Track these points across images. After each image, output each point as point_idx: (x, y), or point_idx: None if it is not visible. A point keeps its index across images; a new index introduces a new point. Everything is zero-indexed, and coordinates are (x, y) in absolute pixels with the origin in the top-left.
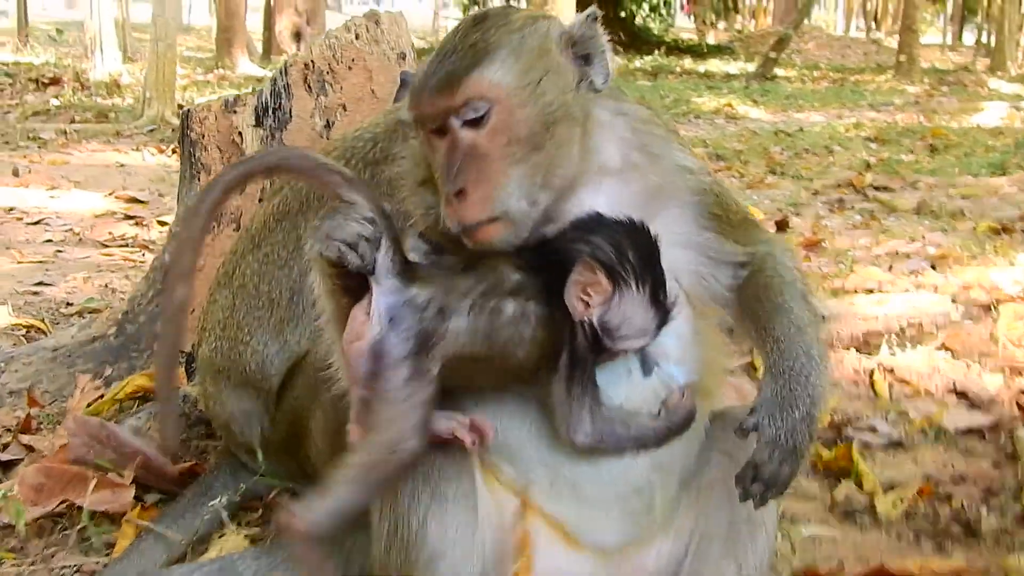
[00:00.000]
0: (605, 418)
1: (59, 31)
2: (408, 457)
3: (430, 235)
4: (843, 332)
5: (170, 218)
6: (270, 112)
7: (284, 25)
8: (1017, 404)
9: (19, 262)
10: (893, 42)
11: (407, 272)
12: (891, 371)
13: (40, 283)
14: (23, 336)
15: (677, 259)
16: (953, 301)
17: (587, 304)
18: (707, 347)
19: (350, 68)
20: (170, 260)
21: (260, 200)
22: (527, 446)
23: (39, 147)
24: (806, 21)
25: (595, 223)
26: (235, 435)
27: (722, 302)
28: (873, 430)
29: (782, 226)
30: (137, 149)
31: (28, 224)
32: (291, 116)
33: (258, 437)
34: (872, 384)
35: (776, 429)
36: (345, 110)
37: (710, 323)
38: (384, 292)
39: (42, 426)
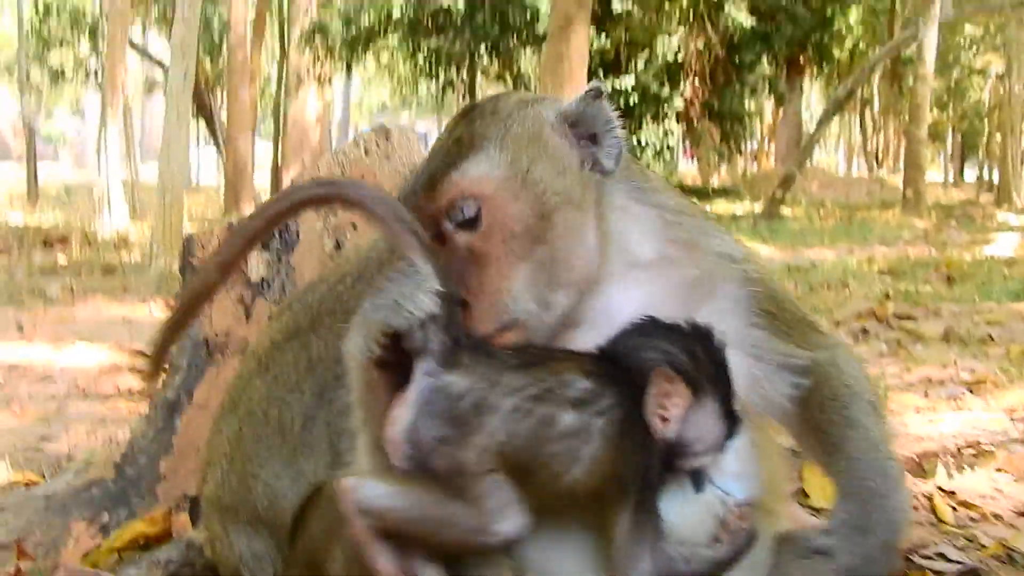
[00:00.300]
0: (666, 555)
1: (67, 191)
2: (498, 541)
3: None
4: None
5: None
6: (276, 234)
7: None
8: None
9: (21, 418)
10: (896, 180)
11: (451, 356)
12: (952, 494)
13: (42, 438)
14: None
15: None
16: (1011, 419)
17: (665, 419)
18: (766, 460)
19: None
20: (206, 266)
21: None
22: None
23: (44, 303)
24: (808, 162)
25: (655, 328)
26: None
27: (779, 412)
28: (943, 557)
29: None
30: (144, 302)
31: (32, 380)
32: (298, 237)
33: None
34: (933, 509)
35: (851, 555)
36: (355, 229)
37: (767, 435)
38: (424, 375)
39: None
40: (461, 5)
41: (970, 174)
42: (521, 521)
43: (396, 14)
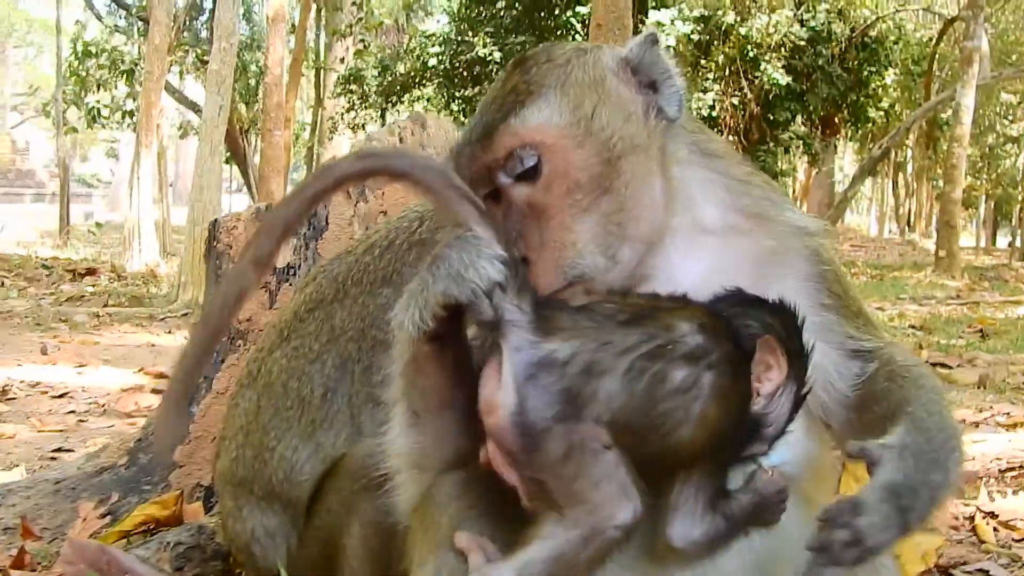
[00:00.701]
0: (714, 523)
1: (98, 225)
2: (619, 533)
3: None
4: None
5: None
6: (304, 220)
7: None
8: None
9: (40, 431)
10: (928, 244)
11: (542, 323)
12: (994, 515)
13: (59, 449)
14: None
15: None
16: None
17: (757, 392)
18: (815, 445)
19: None
20: (243, 253)
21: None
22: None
23: (70, 328)
24: (841, 223)
25: (751, 300)
26: (257, 559)
27: (838, 401)
28: (985, 573)
29: None
30: (170, 332)
31: (52, 397)
32: (327, 224)
33: (284, 559)
34: (974, 529)
35: (900, 474)
36: (386, 216)
37: (818, 423)
38: (515, 349)
39: (39, 564)
40: (497, 56)
41: (1003, 241)
42: (639, 503)
43: (432, 63)
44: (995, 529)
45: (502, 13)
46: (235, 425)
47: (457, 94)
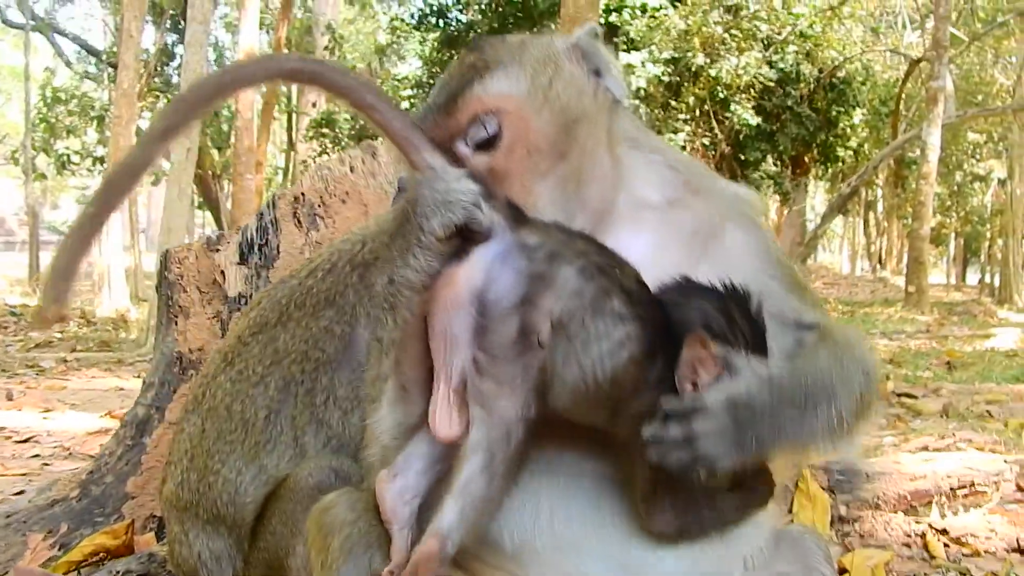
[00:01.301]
0: (688, 502)
1: None
2: (523, 435)
3: None
4: (888, 492)
5: None
6: (255, 249)
7: None
8: None
9: (2, 475)
10: (898, 280)
11: (520, 217)
12: (945, 532)
13: (20, 491)
14: None
15: None
16: (1005, 462)
17: (695, 386)
18: None
19: (344, 201)
20: (158, 115)
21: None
22: (585, 537)
23: (37, 374)
24: (813, 261)
25: (695, 288)
26: None
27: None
28: None
29: None
30: (139, 376)
31: (17, 442)
32: (278, 252)
33: None
34: (926, 546)
35: (751, 394)
36: None
37: None
38: (492, 243)
39: None
40: None
41: (972, 278)
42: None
43: (404, 106)
44: (946, 545)
45: None
46: (180, 450)
47: None
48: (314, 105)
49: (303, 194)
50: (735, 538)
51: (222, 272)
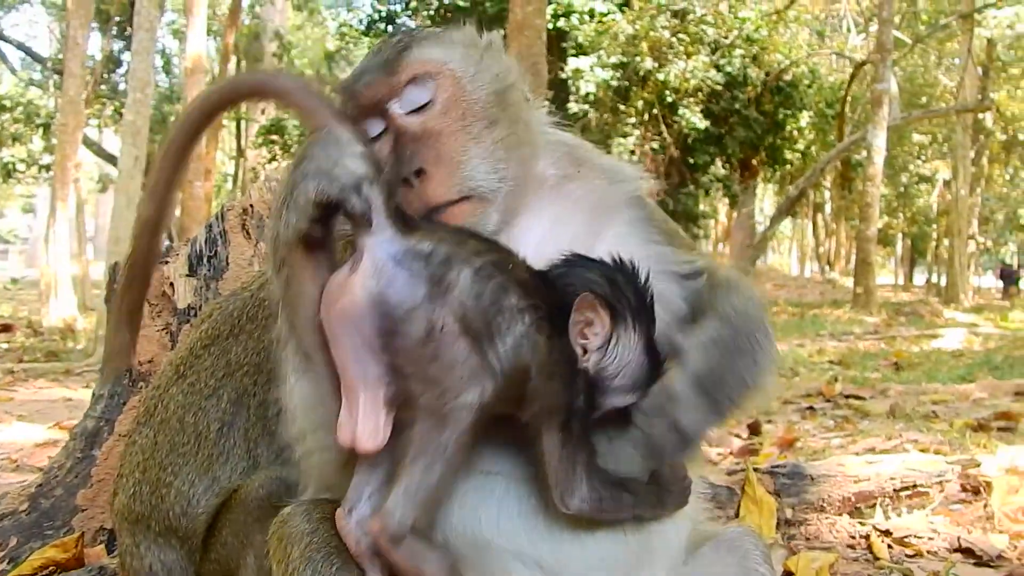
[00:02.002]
0: (604, 481)
1: (13, 281)
2: (468, 414)
3: None
4: (833, 494)
5: None
6: (205, 260)
7: None
8: None
9: None
10: (847, 281)
11: (405, 222)
12: (888, 533)
13: None
14: None
15: None
16: (947, 463)
17: (584, 349)
18: None
19: None
20: (145, 194)
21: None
22: (501, 531)
23: None
24: (763, 263)
25: (580, 259)
26: None
27: (681, 317)
28: None
29: (755, 430)
30: (87, 386)
31: None
32: (228, 264)
33: None
34: (870, 547)
35: (707, 365)
36: None
37: None
38: (382, 241)
39: None
40: None
41: (920, 278)
42: (488, 385)
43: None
44: (889, 546)
45: None
46: (132, 462)
47: None
48: (263, 112)
49: (251, 206)
50: (660, 536)
51: (171, 284)
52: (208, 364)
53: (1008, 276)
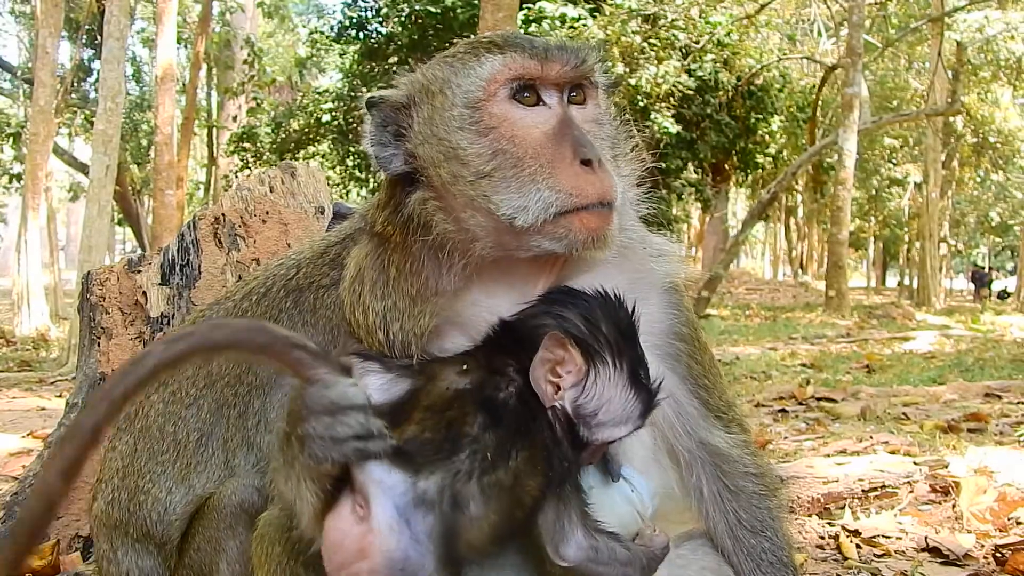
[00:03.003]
0: (597, 529)
1: None
2: None
3: (374, 349)
4: (803, 495)
5: None
6: (177, 269)
7: None
8: (994, 557)
9: None
10: (820, 285)
11: (404, 457)
12: (857, 533)
13: None
14: None
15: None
16: (915, 463)
17: (558, 387)
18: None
19: (264, 221)
20: (58, 441)
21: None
22: None
23: None
24: (736, 267)
25: (564, 296)
26: None
27: (687, 431)
28: None
29: None
30: (60, 396)
31: None
32: (200, 273)
33: None
34: (839, 547)
35: None
36: (259, 264)
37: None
38: (387, 490)
39: None
40: None
41: (892, 281)
42: None
43: (325, 119)
44: (858, 546)
45: (394, 69)
46: (111, 468)
47: (352, 149)
48: (235, 119)
49: (223, 215)
50: None
51: (144, 293)
52: (189, 374)
53: (979, 279)
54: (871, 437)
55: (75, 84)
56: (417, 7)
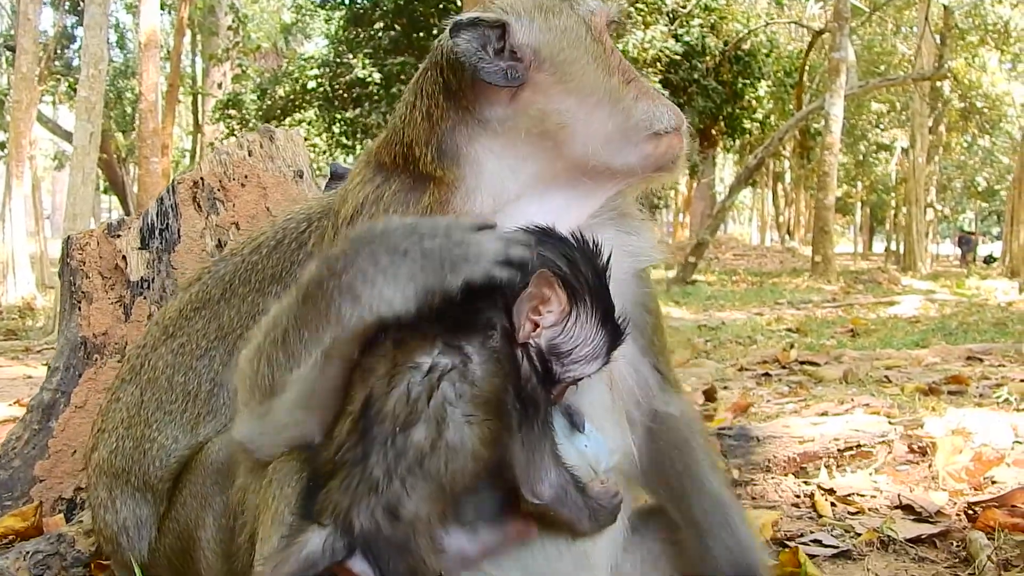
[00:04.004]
0: (567, 470)
1: None
2: None
3: None
4: (779, 455)
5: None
6: (156, 233)
7: None
8: (966, 514)
9: None
10: (807, 250)
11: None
12: (832, 492)
13: None
14: None
15: None
16: (890, 423)
17: (536, 324)
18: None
19: (243, 185)
20: None
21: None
22: None
23: None
24: (724, 232)
25: (546, 235)
26: (123, 549)
27: (645, 395)
28: (819, 543)
29: (710, 396)
30: (47, 364)
31: None
32: (179, 237)
33: (145, 550)
34: (814, 505)
35: None
36: (238, 228)
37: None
38: None
39: None
40: (376, 77)
41: (878, 246)
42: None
43: (311, 85)
44: (832, 504)
45: (380, 34)
46: (116, 418)
47: (338, 116)
48: (220, 86)
49: (203, 179)
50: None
51: (124, 257)
52: (200, 327)
53: (966, 243)
54: (852, 400)
55: (58, 51)
56: None
